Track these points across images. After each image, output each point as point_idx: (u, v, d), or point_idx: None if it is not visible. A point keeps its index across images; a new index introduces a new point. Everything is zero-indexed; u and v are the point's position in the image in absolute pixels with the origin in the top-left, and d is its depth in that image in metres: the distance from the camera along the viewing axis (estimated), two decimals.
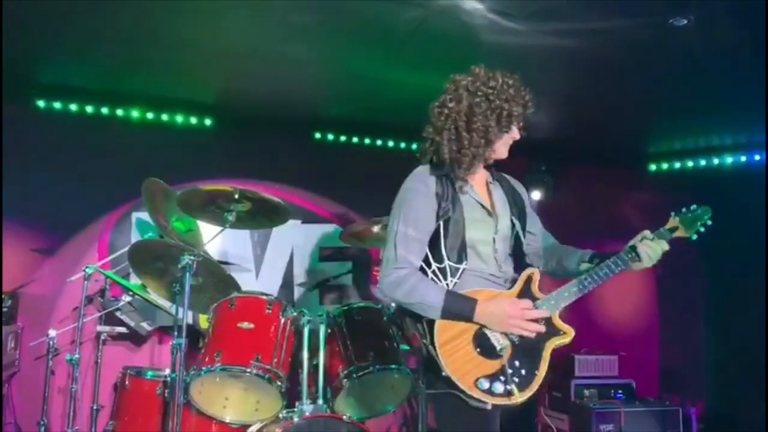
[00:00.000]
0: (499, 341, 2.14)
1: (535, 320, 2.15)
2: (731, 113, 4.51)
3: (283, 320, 3.34)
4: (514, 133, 2.31)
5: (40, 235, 4.25)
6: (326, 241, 4.86)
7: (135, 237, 4.38)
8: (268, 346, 3.26)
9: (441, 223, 2.21)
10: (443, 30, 3.33)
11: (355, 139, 5.09)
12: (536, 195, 5.16)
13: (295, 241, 4.82)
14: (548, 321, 2.17)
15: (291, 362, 3.36)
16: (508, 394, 2.07)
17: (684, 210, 2.25)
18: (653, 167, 5.65)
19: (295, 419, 3.12)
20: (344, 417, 3.19)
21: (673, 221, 2.25)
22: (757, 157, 5.10)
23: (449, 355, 2.10)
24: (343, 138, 5.05)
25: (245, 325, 3.27)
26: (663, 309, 5.62)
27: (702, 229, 2.25)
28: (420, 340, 2.17)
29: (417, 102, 4.70)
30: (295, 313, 3.41)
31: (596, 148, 5.27)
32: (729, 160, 5.24)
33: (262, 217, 3.58)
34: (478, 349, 2.13)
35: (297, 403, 3.30)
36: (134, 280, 3.99)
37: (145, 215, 4.24)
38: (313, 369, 3.36)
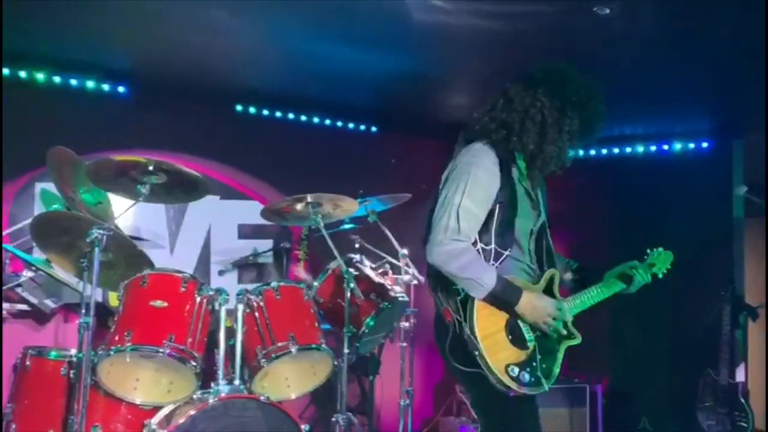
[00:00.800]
0: (529, 333, 2.25)
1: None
2: (645, 104, 4.70)
3: (198, 299, 3.23)
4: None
5: None
6: (246, 218, 4.74)
7: (39, 208, 4.11)
8: (182, 325, 3.14)
9: (496, 206, 2.22)
10: (372, 4, 3.28)
11: (278, 114, 4.97)
12: None
13: (213, 218, 4.68)
14: (565, 324, 2.33)
15: (207, 342, 3.27)
16: (536, 384, 2.20)
17: (656, 251, 2.58)
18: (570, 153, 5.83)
19: (211, 400, 3.03)
20: (261, 398, 3.13)
21: (651, 258, 2.55)
22: (665, 147, 5.44)
23: (485, 337, 2.15)
24: (266, 112, 4.93)
25: (158, 303, 3.14)
26: None
27: (665, 272, 2.57)
28: (453, 317, 2.20)
29: (343, 77, 4.60)
30: (211, 292, 3.31)
31: None
32: (640, 149, 5.52)
33: (178, 191, 3.44)
34: (510, 337, 2.21)
35: (213, 384, 3.22)
36: (37, 255, 3.76)
37: (50, 186, 3.98)
38: (230, 349, 3.28)
